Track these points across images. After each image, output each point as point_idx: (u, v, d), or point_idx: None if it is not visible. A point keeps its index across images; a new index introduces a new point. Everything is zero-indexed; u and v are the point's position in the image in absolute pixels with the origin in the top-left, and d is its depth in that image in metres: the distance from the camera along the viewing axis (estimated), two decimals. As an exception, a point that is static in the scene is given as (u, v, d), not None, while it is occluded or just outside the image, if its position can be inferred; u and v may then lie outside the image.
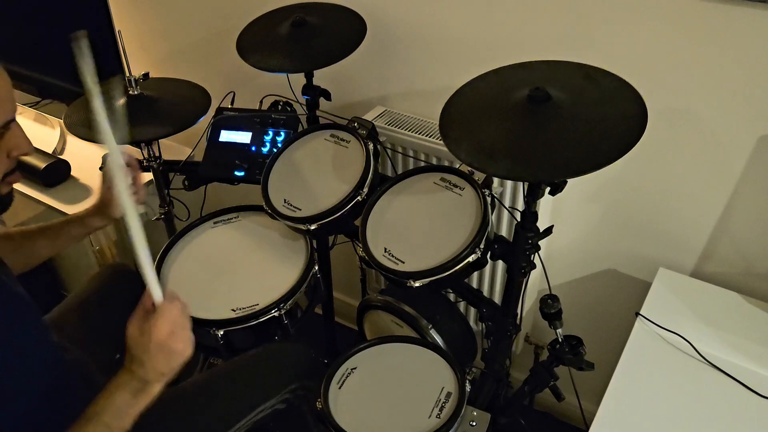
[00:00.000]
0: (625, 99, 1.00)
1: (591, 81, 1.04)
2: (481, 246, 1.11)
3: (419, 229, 1.19)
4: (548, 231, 1.15)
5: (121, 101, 1.44)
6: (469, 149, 0.99)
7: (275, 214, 1.29)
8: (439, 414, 1.09)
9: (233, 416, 1.16)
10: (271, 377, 1.22)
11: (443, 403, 1.11)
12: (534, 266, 1.20)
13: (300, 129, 1.49)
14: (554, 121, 0.97)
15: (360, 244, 1.20)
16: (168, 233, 1.67)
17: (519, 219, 1.14)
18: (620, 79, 1.03)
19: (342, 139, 1.35)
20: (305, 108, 1.52)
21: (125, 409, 0.88)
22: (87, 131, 1.41)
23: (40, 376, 0.98)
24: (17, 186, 0.99)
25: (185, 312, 0.91)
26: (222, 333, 1.23)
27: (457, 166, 1.25)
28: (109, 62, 1.70)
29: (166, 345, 0.86)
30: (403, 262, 1.15)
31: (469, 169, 1.19)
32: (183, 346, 0.89)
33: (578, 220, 1.49)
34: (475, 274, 1.60)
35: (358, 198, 1.24)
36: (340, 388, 1.16)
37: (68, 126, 1.43)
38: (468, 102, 1.09)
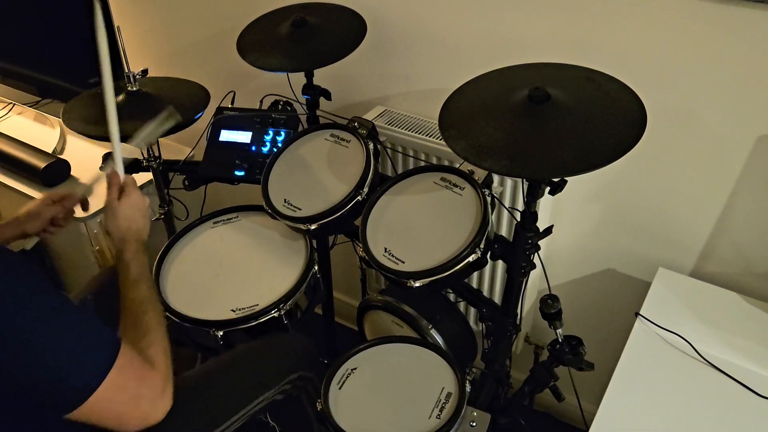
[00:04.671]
0: (626, 102, 1.00)
1: (592, 84, 1.04)
2: (481, 246, 1.11)
3: (419, 228, 1.19)
4: (548, 231, 1.15)
5: (120, 98, 1.43)
6: (468, 144, 0.99)
7: (275, 213, 1.29)
8: (439, 414, 1.09)
9: (230, 407, 1.14)
10: (270, 367, 1.21)
11: (443, 403, 1.11)
12: (534, 266, 1.20)
13: (300, 129, 1.49)
14: (554, 120, 0.98)
15: (360, 244, 1.19)
16: (168, 233, 1.67)
17: (519, 219, 1.14)
18: (622, 84, 1.03)
19: (342, 139, 1.35)
20: (305, 108, 1.51)
21: (144, 265, 1.12)
22: (85, 126, 1.41)
23: None
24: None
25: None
26: (222, 334, 1.23)
27: (458, 165, 1.25)
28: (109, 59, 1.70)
29: (143, 206, 1.17)
30: (403, 262, 1.15)
31: (470, 168, 1.19)
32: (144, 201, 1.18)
33: (578, 220, 1.49)
34: (475, 274, 1.60)
35: (358, 198, 1.24)
36: (340, 388, 1.16)
37: (66, 122, 1.43)
38: (469, 99, 1.09)
